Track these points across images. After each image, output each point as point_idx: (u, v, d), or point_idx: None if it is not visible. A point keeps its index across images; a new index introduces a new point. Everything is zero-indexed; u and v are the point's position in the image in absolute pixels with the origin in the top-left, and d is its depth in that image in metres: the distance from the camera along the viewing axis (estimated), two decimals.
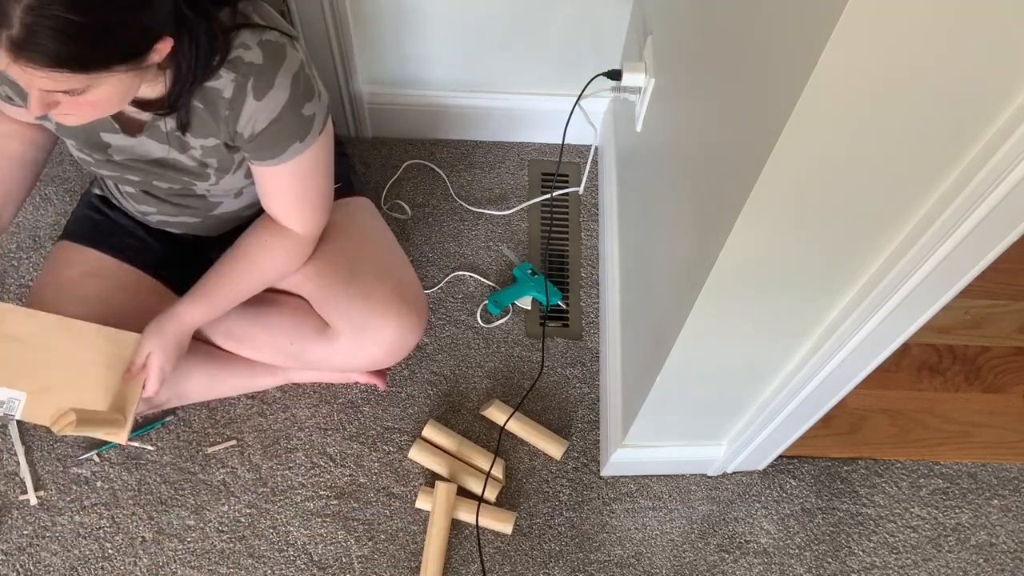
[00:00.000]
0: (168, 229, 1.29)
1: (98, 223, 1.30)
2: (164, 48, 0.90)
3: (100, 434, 1.12)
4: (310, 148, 1.08)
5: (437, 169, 1.77)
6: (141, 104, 1.03)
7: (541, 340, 1.58)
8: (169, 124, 1.06)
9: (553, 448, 1.46)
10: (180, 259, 1.33)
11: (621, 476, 1.46)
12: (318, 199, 1.17)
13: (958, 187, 0.75)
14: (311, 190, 1.15)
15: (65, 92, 0.87)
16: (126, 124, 1.07)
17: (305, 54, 1.05)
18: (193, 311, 1.17)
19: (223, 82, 1.00)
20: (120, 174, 1.15)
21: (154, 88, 1.01)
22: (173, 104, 1.00)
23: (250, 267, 1.19)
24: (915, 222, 0.81)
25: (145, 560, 1.33)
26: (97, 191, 1.33)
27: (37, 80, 0.84)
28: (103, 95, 0.89)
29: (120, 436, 1.13)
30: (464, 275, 1.65)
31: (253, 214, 1.28)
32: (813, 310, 0.98)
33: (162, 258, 1.32)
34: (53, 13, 0.79)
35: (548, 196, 1.75)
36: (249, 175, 1.17)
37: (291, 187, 1.13)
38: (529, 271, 1.62)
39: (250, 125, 1.03)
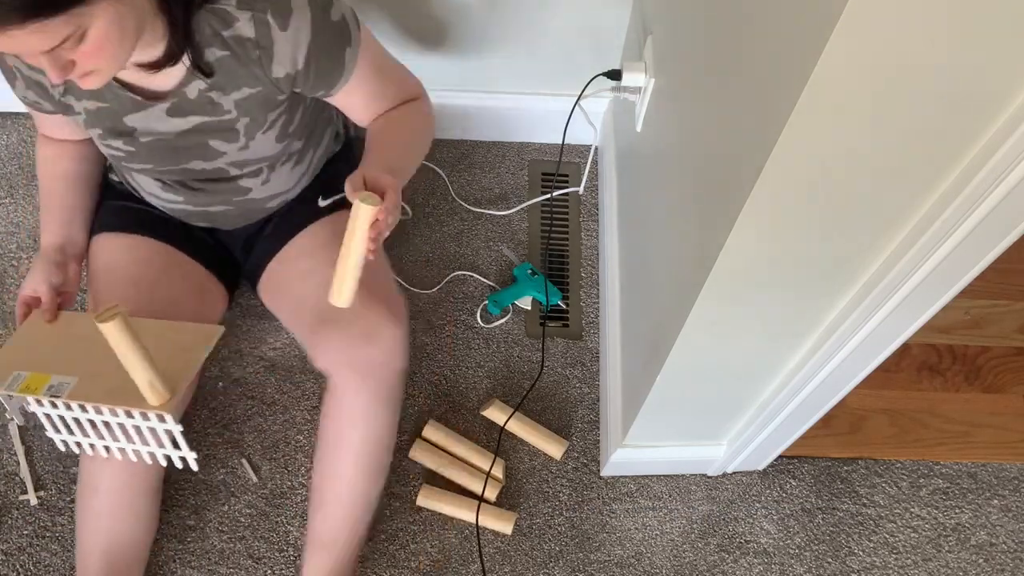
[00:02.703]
0: (191, 222, 1.28)
1: (131, 210, 1.29)
2: None
3: (141, 407, 1.06)
4: (361, 46, 1.07)
5: (437, 169, 1.77)
6: (153, 66, 1.00)
7: (541, 340, 1.58)
8: (197, 88, 1.04)
9: (553, 448, 1.46)
10: (209, 248, 1.34)
11: (621, 476, 1.46)
12: (399, 69, 1.18)
13: (958, 187, 0.75)
14: (391, 71, 1.16)
15: (66, 44, 0.84)
16: (152, 96, 1.06)
17: None
18: (387, 163, 1.10)
19: (241, 24, 0.98)
20: (152, 165, 1.15)
21: (157, 46, 0.98)
22: (180, 46, 0.98)
23: (409, 127, 1.18)
24: (915, 222, 0.81)
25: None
26: (115, 176, 1.32)
27: (33, 43, 0.82)
28: (103, 31, 0.86)
29: (165, 408, 1.05)
30: (464, 275, 1.65)
31: (278, 205, 1.29)
32: (813, 310, 0.98)
33: (193, 240, 1.32)
34: None
35: (548, 196, 1.75)
36: (281, 138, 1.16)
37: (376, 84, 1.13)
38: (529, 271, 1.62)
39: (291, 60, 1.02)
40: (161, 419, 1.08)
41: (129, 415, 1.09)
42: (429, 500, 1.39)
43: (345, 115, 1.19)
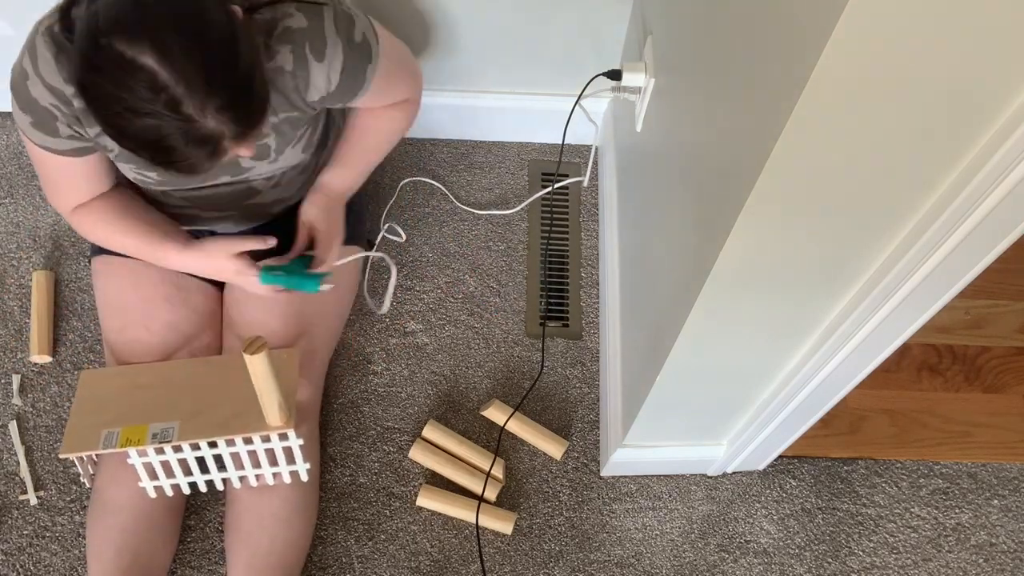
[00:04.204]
0: (194, 225, 1.28)
1: None
2: None
3: (267, 431, 1.14)
4: (380, 61, 1.12)
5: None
6: None
7: (541, 340, 1.59)
8: None
9: (553, 448, 1.46)
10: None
11: (621, 476, 1.46)
12: (409, 68, 1.24)
13: (958, 187, 0.75)
14: (400, 73, 1.21)
15: None
16: None
17: None
18: (340, 179, 1.23)
19: (282, 57, 1.03)
20: (181, 185, 1.16)
21: None
22: None
23: (378, 134, 1.28)
24: (915, 222, 0.81)
25: None
26: None
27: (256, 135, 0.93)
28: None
29: (289, 424, 1.14)
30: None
31: (281, 211, 1.30)
32: (813, 310, 0.98)
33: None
34: (230, 94, 0.86)
35: (549, 189, 1.75)
36: (307, 148, 1.20)
37: (384, 90, 1.18)
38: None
39: (325, 84, 1.08)
40: (284, 437, 1.17)
41: (248, 441, 1.17)
42: (429, 500, 1.39)
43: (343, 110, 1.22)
